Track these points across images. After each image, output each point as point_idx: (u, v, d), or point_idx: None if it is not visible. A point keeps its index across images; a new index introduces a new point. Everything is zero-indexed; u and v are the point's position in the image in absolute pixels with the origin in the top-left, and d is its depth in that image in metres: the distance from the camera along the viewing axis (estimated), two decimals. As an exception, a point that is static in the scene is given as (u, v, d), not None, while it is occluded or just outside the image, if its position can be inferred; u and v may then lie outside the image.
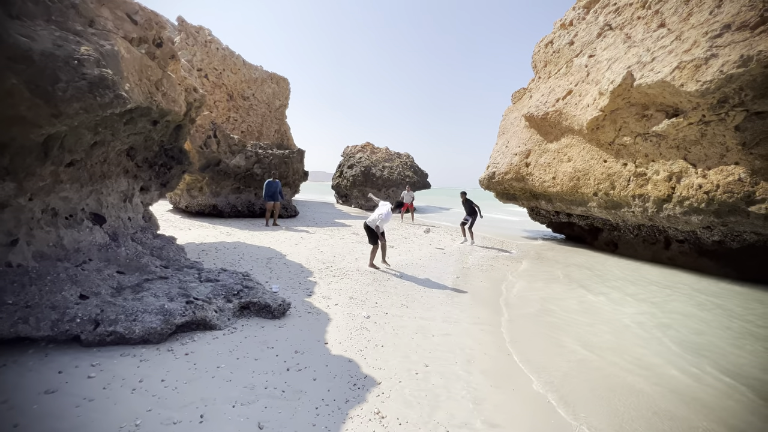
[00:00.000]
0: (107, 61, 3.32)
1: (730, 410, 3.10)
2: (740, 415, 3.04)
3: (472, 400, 3.01)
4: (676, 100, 6.97)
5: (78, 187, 4.24)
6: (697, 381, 3.54)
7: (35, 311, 3.12)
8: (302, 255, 7.84)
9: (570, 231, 13.30)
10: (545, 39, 12.48)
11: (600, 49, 9.43)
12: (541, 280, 7.30)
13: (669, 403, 3.15)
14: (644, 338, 4.53)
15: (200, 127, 12.12)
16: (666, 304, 5.96)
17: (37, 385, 2.64)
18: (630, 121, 8.20)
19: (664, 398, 3.22)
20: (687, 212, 7.44)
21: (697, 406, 3.12)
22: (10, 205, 3.34)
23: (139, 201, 5.92)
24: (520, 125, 12.85)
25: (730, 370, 3.74)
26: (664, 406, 3.11)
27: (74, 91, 2.88)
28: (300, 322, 4.29)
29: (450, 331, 4.40)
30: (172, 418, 2.44)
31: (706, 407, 3.12)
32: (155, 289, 4.09)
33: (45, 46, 2.84)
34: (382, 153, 24.85)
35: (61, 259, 3.87)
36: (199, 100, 6.68)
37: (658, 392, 3.31)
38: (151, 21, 4.48)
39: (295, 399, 2.80)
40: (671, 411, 3.03)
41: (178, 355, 3.27)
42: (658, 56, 7.19)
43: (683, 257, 8.93)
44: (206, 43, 14.90)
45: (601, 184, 9.34)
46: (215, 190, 12.97)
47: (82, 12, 3.47)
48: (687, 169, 7.44)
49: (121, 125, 4.16)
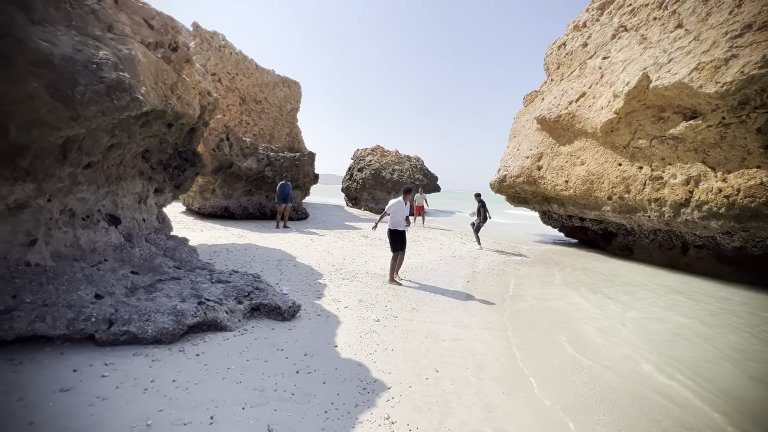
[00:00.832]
0: (124, 65, 3.38)
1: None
2: None
3: (483, 407, 2.95)
4: (694, 102, 6.81)
5: (95, 189, 4.32)
6: (701, 402, 3.41)
7: (52, 310, 3.18)
8: (312, 257, 7.86)
9: (583, 235, 13.06)
10: (558, 41, 12.35)
11: (614, 50, 9.28)
12: (553, 285, 7.17)
13: (680, 418, 3.03)
14: (665, 350, 4.39)
15: (213, 130, 12.31)
16: (689, 312, 5.78)
17: (52, 383, 2.68)
18: (646, 123, 8.03)
19: (681, 412, 3.11)
20: (706, 217, 7.23)
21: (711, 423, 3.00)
22: (29, 205, 3.42)
23: (153, 202, 6.02)
24: (532, 128, 12.71)
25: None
26: (678, 420, 3.00)
27: (92, 95, 2.94)
28: (310, 324, 4.28)
29: (461, 336, 4.34)
30: (182, 419, 2.45)
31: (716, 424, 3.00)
32: (168, 289, 4.13)
33: (65, 50, 2.91)
34: (392, 156, 24.87)
35: (78, 259, 3.95)
36: (213, 104, 6.78)
37: (673, 409, 3.20)
38: (167, 26, 4.57)
39: (304, 402, 2.79)
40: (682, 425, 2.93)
41: (189, 355, 3.29)
42: (676, 57, 7.03)
43: (701, 263, 8.68)
44: (220, 47, 15.15)
45: (616, 188, 9.15)
46: (227, 193, 13.13)
47: (101, 17, 3.56)
48: (706, 172, 7.23)
49: (137, 128, 4.24)
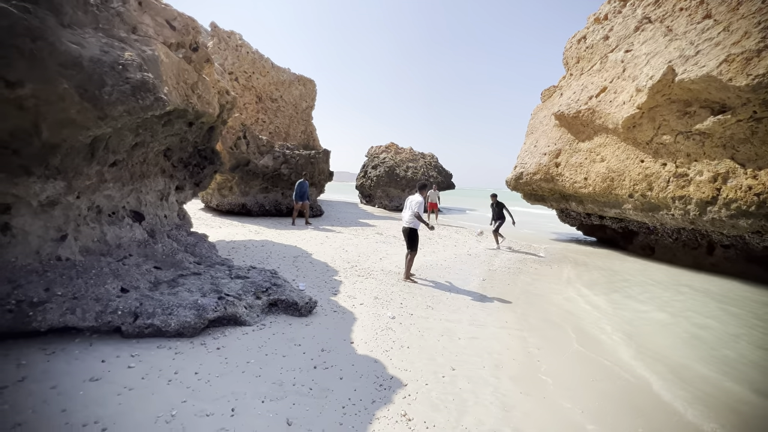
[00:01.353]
0: (148, 65, 3.48)
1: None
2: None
3: (500, 406, 2.93)
4: (723, 95, 6.53)
5: (120, 186, 4.47)
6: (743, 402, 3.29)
7: (81, 303, 3.31)
8: (327, 254, 7.93)
9: (602, 234, 12.76)
10: (577, 34, 12.03)
11: (638, 43, 8.98)
12: (571, 284, 7.03)
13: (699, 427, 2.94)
14: (688, 354, 4.26)
15: (231, 129, 12.53)
16: (717, 316, 5.58)
17: (82, 372, 2.79)
18: (670, 118, 7.76)
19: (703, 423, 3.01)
20: (734, 215, 6.95)
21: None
22: (60, 202, 3.56)
23: (174, 199, 6.18)
24: (550, 124, 12.45)
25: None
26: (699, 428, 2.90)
27: (119, 95, 3.03)
28: (326, 320, 4.33)
29: (477, 335, 4.31)
30: (205, 410, 2.52)
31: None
32: (189, 284, 4.24)
33: (93, 52, 3.01)
34: (406, 153, 24.79)
35: (104, 254, 4.09)
36: (231, 102, 6.90)
37: (696, 413, 3.10)
38: (188, 26, 4.67)
39: (322, 397, 2.82)
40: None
41: (210, 349, 3.38)
42: (703, 49, 6.75)
43: (728, 264, 8.35)
44: (237, 47, 15.38)
45: (638, 186, 8.89)
46: (244, 190, 13.36)
47: (126, 19, 3.66)
48: (735, 169, 6.94)
49: (159, 127, 4.35)
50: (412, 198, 6.34)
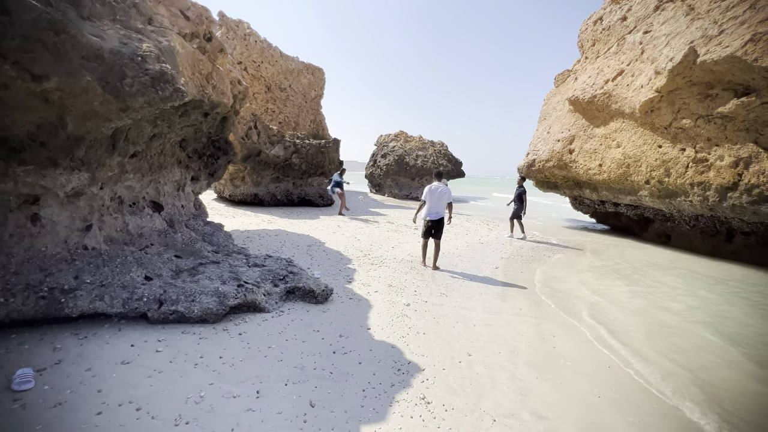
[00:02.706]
0: (165, 56, 3.51)
1: None
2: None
3: (517, 390, 2.98)
4: (747, 77, 6.30)
5: (140, 177, 4.57)
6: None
7: (109, 290, 3.43)
8: (340, 243, 8.01)
9: (616, 221, 12.58)
10: (594, 16, 11.65)
11: (657, 23, 8.66)
12: (585, 272, 6.99)
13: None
14: (704, 344, 4.23)
15: (242, 119, 12.57)
16: (735, 301, 5.52)
17: (114, 356, 2.92)
18: (691, 102, 7.52)
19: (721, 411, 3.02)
20: (756, 201, 6.78)
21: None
22: (84, 193, 3.66)
23: (190, 190, 6.28)
24: (563, 110, 12.19)
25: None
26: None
27: (139, 86, 3.08)
28: (342, 307, 4.41)
29: (492, 322, 4.35)
30: (231, 392, 2.62)
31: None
32: (209, 272, 4.35)
33: (113, 44, 3.05)
34: (416, 141, 24.58)
35: (127, 243, 4.21)
36: (243, 92, 6.91)
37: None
38: (202, 16, 4.67)
39: (342, 381, 2.90)
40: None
41: (232, 334, 3.49)
42: (727, 28, 6.49)
43: (749, 251, 8.18)
44: (245, 36, 15.30)
45: (655, 172, 8.70)
46: (256, 180, 13.48)
47: (142, 10, 3.68)
48: (758, 153, 6.74)
49: (176, 118, 4.41)
50: (439, 188, 6.24)
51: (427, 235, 6.43)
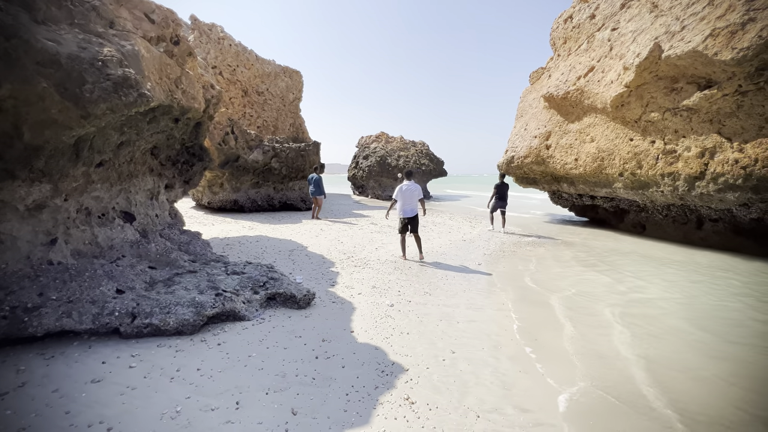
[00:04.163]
0: (129, 61, 3.38)
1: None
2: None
3: (501, 385, 2.99)
4: (708, 70, 6.58)
5: (108, 187, 4.39)
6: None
7: (77, 306, 3.28)
8: (323, 246, 7.93)
9: (594, 214, 12.92)
10: (564, 14, 11.96)
11: (624, 21, 8.96)
12: (565, 265, 7.14)
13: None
14: (691, 336, 4.38)
15: (218, 124, 12.31)
16: (712, 290, 5.73)
17: (83, 374, 2.78)
18: (658, 95, 7.81)
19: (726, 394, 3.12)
20: (722, 189, 7.08)
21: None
22: (47, 205, 3.49)
23: (164, 198, 6.09)
24: (539, 106, 12.45)
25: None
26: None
27: (100, 92, 2.95)
28: (325, 311, 4.35)
29: (475, 318, 4.38)
30: (209, 405, 2.54)
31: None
32: (185, 282, 4.22)
33: (71, 49, 2.91)
34: (397, 142, 24.66)
35: (97, 256, 4.04)
36: (217, 97, 6.76)
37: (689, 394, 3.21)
38: (168, 19, 4.53)
39: (325, 386, 2.86)
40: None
41: (210, 345, 3.38)
42: (689, 24, 6.77)
43: (717, 237, 8.54)
44: (219, 40, 15.01)
45: (627, 164, 8.98)
46: (235, 186, 13.22)
47: (103, 14, 3.54)
48: (722, 143, 7.04)
49: (144, 124, 4.26)
50: (410, 187, 6.87)
51: (404, 231, 7.05)
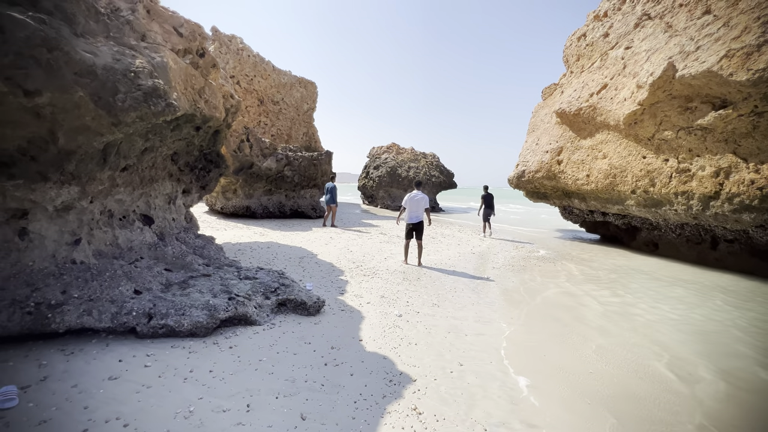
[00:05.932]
0: (158, 72, 3.56)
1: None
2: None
3: (509, 400, 2.99)
4: (724, 90, 6.56)
5: (130, 191, 4.56)
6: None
7: (97, 304, 3.40)
8: (332, 254, 8.01)
9: (605, 231, 12.77)
10: (577, 32, 12.06)
11: (638, 40, 9.01)
12: (575, 281, 7.08)
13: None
14: (700, 351, 4.31)
15: (234, 132, 12.63)
16: (728, 313, 5.63)
17: (101, 371, 2.88)
18: (672, 114, 7.79)
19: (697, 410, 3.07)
20: (737, 210, 6.98)
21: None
22: (74, 207, 3.65)
23: (181, 203, 6.27)
24: (551, 122, 12.49)
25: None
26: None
27: (132, 102, 3.12)
28: (334, 319, 4.40)
29: (483, 331, 4.38)
30: (221, 406, 2.60)
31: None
32: (200, 285, 4.32)
33: (106, 60, 3.10)
34: (408, 153, 24.85)
35: (117, 257, 4.18)
36: (235, 106, 6.98)
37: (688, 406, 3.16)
38: (195, 33, 4.75)
39: (334, 393, 2.89)
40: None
41: (223, 348, 3.46)
42: (704, 45, 6.78)
43: (733, 258, 8.37)
44: (238, 50, 15.50)
45: (640, 182, 8.92)
46: (248, 192, 13.46)
47: (136, 27, 3.75)
48: (737, 163, 6.97)
49: (168, 131, 4.44)
50: (417, 195, 7.41)
51: (409, 237, 7.53)
